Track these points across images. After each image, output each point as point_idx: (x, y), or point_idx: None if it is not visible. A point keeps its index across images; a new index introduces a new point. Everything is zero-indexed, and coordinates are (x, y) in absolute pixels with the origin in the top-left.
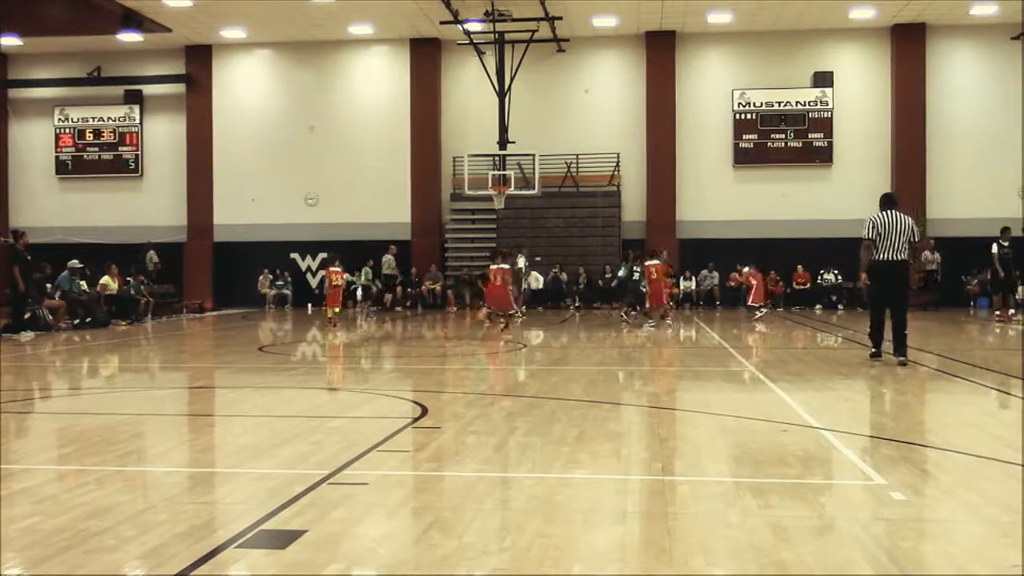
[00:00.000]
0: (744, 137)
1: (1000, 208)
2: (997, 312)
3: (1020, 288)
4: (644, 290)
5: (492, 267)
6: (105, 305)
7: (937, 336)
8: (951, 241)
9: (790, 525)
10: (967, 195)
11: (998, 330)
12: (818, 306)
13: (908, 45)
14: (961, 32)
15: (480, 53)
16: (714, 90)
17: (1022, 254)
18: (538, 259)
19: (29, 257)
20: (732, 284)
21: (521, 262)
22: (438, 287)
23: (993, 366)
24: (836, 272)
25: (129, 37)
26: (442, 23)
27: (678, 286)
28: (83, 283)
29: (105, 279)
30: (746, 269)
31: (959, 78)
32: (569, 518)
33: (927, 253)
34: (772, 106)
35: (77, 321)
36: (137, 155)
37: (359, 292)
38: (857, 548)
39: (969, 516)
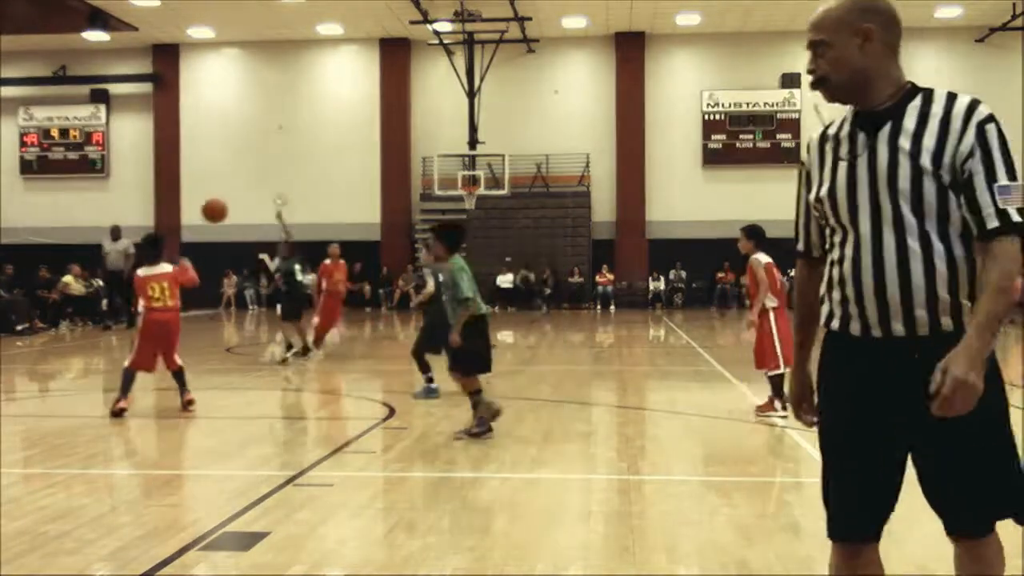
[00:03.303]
0: (713, 138)
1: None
2: None
3: None
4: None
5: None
6: (67, 306)
7: None
8: None
9: (753, 523)
10: None
11: None
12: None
13: None
14: (926, 34)
15: (450, 53)
16: (683, 91)
17: None
18: (508, 260)
19: None
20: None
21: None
22: (411, 289)
23: None
24: None
25: (95, 36)
26: (411, 23)
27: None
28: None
29: (67, 279)
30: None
31: (924, 80)
32: (533, 518)
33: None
34: (741, 107)
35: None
36: (103, 155)
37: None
38: (820, 546)
39: (928, 513)
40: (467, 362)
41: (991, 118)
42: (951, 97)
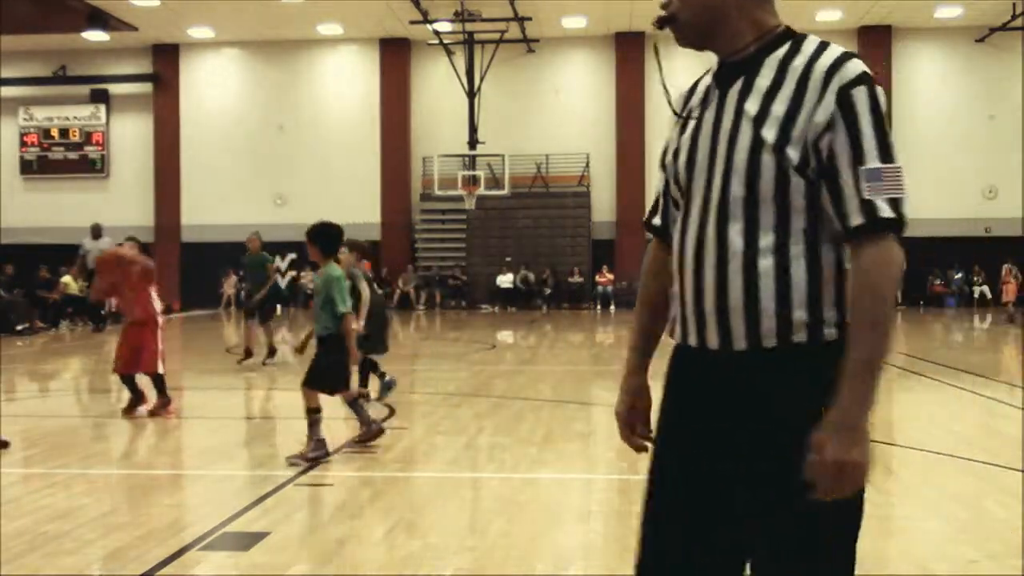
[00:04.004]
0: None
1: (965, 209)
2: None
3: (977, 289)
4: None
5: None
6: (67, 306)
7: (902, 335)
8: (916, 240)
9: None
10: (932, 195)
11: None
12: None
13: (874, 47)
14: (926, 34)
15: (450, 53)
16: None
17: (994, 253)
18: (508, 260)
19: None
20: None
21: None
22: (411, 289)
23: (957, 364)
24: None
25: (95, 36)
26: (412, 23)
27: None
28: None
29: (66, 279)
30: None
31: (925, 80)
32: (534, 517)
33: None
34: None
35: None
36: (103, 155)
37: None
38: None
39: (929, 513)
40: (323, 379)
41: (862, 79)
42: (820, 48)
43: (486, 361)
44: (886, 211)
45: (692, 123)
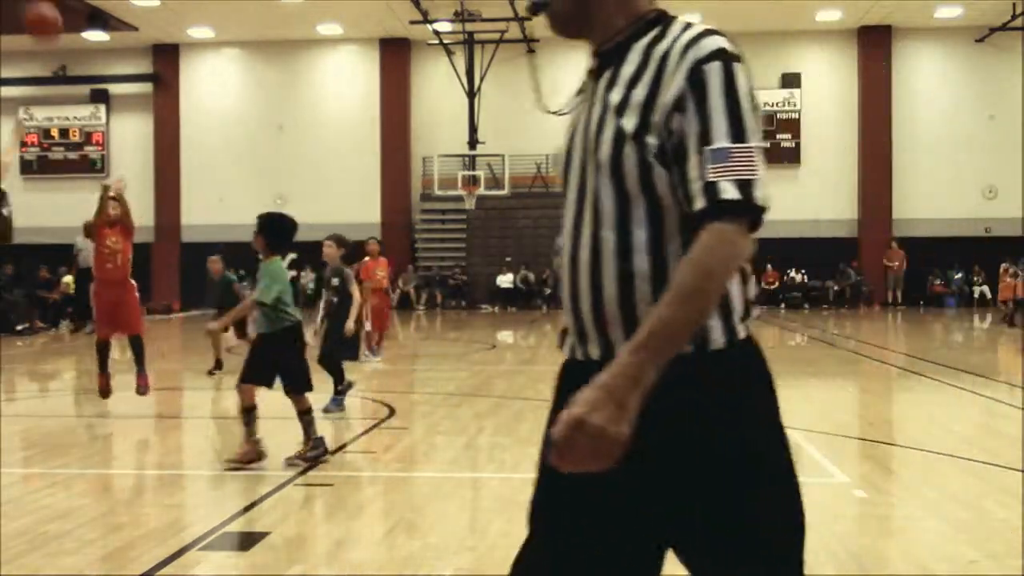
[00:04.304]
0: None
1: (965, 209)
2: None
3: (977, 289)
4: None
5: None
6: (67, 306)
7: (902, 335)
8: (917, 241)
9: None
10: (933, 195)
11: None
12: (783, 305)
13: (874, 47)
14: (926, 34)
15: (450, 53)
16: None
17: (994, 253)
18: (508, 260)
19: None
20: None
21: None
22: (411, 289)
23: (957, 364)
24: (803, 272)
25: (95, 36)
26: (411, 23)
27: None
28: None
29: (67, 279)
30: None
31: (925, 80)
32: None
33: None
34: None
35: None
36: (103, 155)
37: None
38: (818, 545)
39: (928, 513)
40: (258, 375)
41: (716, 55)
42: (683, 29)
43: (486, 361)
44: (731, 193)
45: (573, 121)
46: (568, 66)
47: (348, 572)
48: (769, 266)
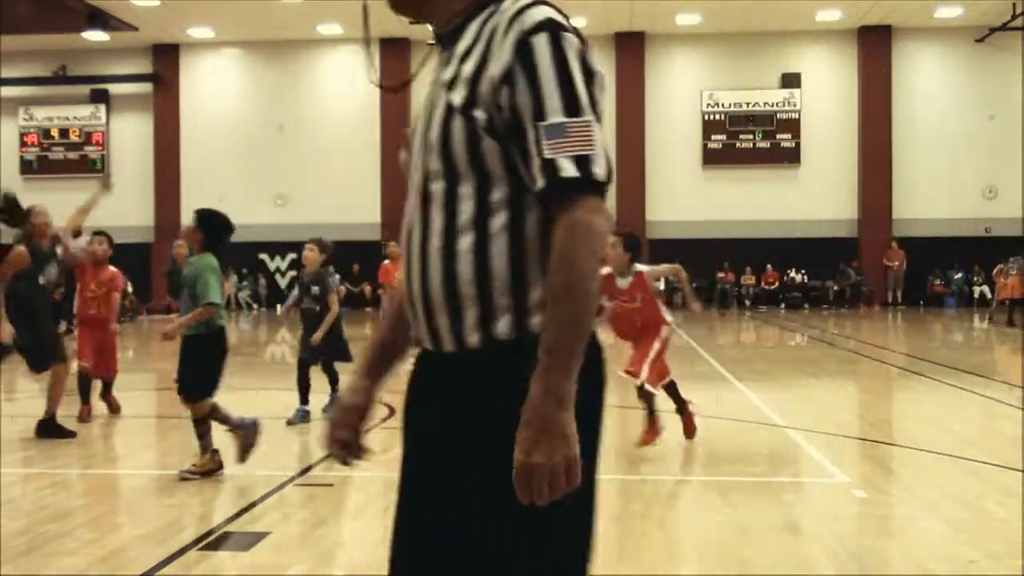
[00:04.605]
0: (713, 137)
1: (965, 209)
2: None
3: (977, 289)
4: None
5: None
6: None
7: (902, 335)
8: (917, 241)
9: (753, 523)
10: (932, 195)
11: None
12: (783, 305)
13: (874, 47)
14: (926, 34)
15: None
16: (683, 91)
17: (994, 253)
18: None
19: None
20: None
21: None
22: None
23: (956, 364)
24: (803, 272)
25: (95, 36)
26: (412, 23)
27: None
28: None
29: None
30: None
31: (924, 80)
32: None
33: None
34: (740, 107)
35: None
36: (103, 155)
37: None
38: (818, 545)
39: (928, 513)
40: (199, 384)
41: (544, 26)
42: (514, 3)
43: None
44: (569, 170)
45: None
46: None
47: (348, 572)
48: (769, 266)
